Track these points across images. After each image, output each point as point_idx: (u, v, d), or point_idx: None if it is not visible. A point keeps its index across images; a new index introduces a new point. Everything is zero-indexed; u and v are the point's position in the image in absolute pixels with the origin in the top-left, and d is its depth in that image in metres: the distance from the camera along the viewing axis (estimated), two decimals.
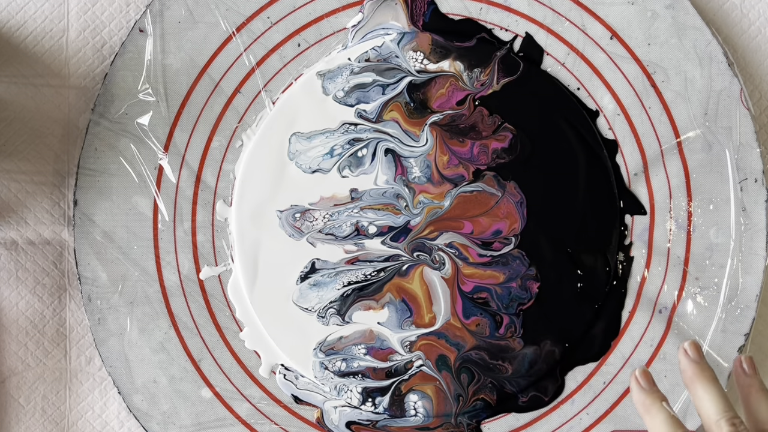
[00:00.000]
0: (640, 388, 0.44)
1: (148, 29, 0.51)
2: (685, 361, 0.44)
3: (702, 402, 0.42)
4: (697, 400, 0.43)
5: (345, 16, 0.51)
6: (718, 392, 0.42)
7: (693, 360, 0.44)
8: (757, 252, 0.51)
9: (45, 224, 0.52)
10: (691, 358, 0.44)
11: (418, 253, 0.51)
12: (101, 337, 0.51)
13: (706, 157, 0.51)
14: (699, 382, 0.43)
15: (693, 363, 0.44)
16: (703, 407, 0.42)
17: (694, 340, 0.45)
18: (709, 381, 0.43)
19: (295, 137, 0.51)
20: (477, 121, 0.51)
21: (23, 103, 0.52)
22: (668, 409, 0.42)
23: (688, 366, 0.44)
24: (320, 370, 0.51)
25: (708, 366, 0.44)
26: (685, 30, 0.51)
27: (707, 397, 0.42)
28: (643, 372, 0.44)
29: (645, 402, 0.43)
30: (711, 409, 0.42)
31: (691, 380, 0.43)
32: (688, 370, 0.44)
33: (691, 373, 0.43)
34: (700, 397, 0.43)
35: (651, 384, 0.44)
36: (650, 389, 0.44)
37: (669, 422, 0.42)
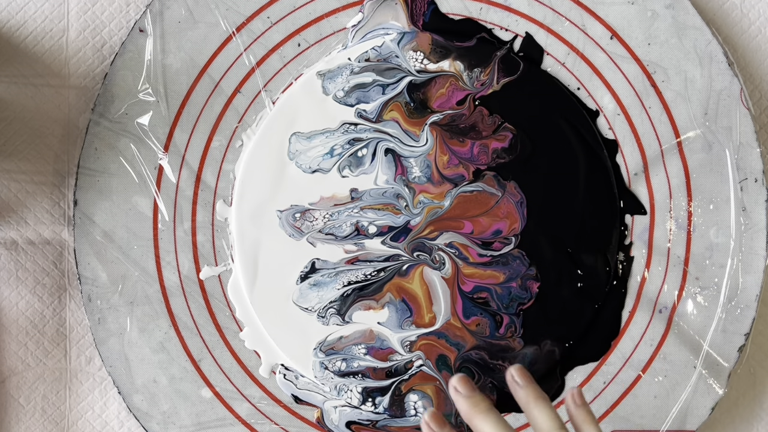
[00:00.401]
0: (460, 396, 0.43)
1: (148, 29, 0.51)
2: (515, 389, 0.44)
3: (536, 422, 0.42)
4: (532, 421, 0.43)
5: (345, 16, 0.51)
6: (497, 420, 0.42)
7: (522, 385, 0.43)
8: (757, 252, 0.51)
9: (45, 224, 0.52)
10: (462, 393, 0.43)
11: (418, 253, 0.51)
12: (101, 337, 0.51)
13: (706, 157, 0.51)
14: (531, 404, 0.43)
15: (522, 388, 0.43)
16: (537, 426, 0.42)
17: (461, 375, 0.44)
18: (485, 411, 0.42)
19: (295, 137, 0.51)
20: (477, 120, 0.51)
21: (23, 103, 0.52)
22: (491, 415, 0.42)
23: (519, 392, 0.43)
24: (320, 370, 0.51)
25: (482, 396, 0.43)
26: (685, 30, 0.51)
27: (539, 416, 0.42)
28: (461, 379, 0.44)
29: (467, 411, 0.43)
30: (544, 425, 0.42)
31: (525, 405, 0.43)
32: (519, 396, 0.43)
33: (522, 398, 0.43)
34: (534, 417, 0.42)
35: (472, 390, 0.44)
36: (473, 394, 0.43)
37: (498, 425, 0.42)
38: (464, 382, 0.44)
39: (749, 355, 0.52)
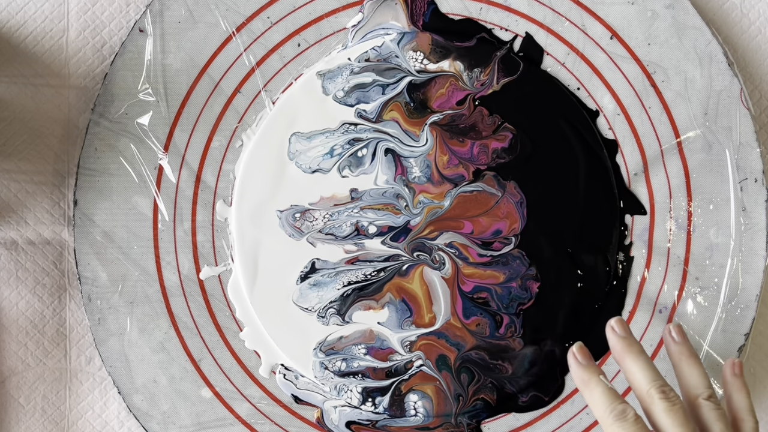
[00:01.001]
0: (578, 364, 0.46)
1: (148, 29, 0.51)
2: (613, 338, 0.46)
3: (632, 375, 0.44)
4: (627, 374, 0.45)
5: (345, 16, 0.51)
6: (647, 364, 0.44)
7: (620, 336, 0.46)
8: (757, 252, 0.51)
9: (45, 224, 0.52)
10: (618, 334, 0.46)
11: (418, 253, 0.51)
12: (101, 337, 0.51)
13: (706, 157, 0.51)
14: (628, 356, 0.45)
15: (620, 339, 0.46)
16: (634, 380, 0.44)
17: (619, 317, 0.47)
18: (637, 354, 0.45)
19: (295, 137, 0.51)
20: (477, 120, 0.51)
21: (23, 103, 0.52)
22: (605, 382, 0.44)
23: (617, 342, 0.46)
24: (320, 370, 0.51)
25: (635, 340, 0.46)
26: (685, 30, 0.51)
27: (636, 369, 0.44)
28: (580, 348, 0.46)
29: (583, 377, 0.45)
30: (641, 380, 0.44)
31: (621, 355, 0.45)
32: (616, 346, 0.45)
33: (619, 349, 0.45)
34: (630, 370, 0.44)
35: (588, 359, 0.46)
36: (588, 364, 0.45)
37: (606, 394, 0.43)
38: (621, 323, 0.46)
39: (749, 355, 0.52)
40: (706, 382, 0.44)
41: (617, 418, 0.42)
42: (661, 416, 0.42)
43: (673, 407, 0.42)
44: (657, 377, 0.44)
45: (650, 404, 0.43)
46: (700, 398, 0.44)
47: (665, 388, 0.43)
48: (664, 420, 0.42)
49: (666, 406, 0.42)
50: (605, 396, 0.43)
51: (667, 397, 0.42)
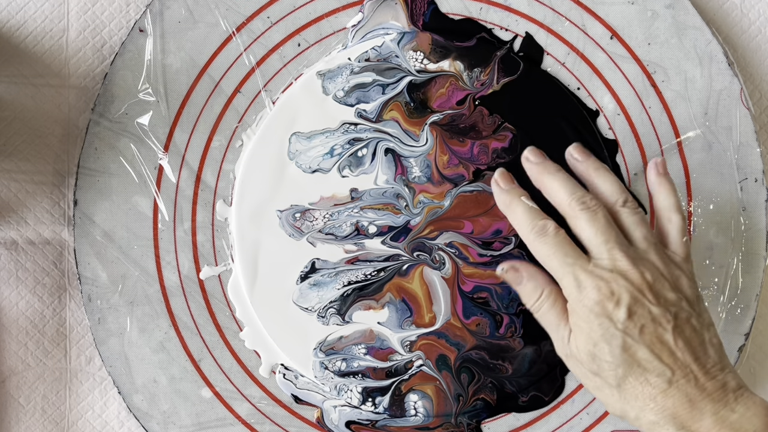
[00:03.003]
0: (500, 189, 0.47)
1: (148, 29, 0.51)
2: (528, 166, 0.46)
3: (553, 192, 0.45)
4: (548, 194, 0.45)
5: (345, 15, 0.51)
6: (564, 179, 0.45)
7: (534, 162, 0.46)
8: (757, 252, 0.51)
9: (45, 224, 0.52)
10: (532, 161, 0.46)
11: (418, 252, 0.51)
12: (101, 337, 0.51)
13: (706, 157, 0.51)
14: (545, 177, 0.45)
15: (535, 164, 0.46)
16: (555, 197, 0.45)
17: (532, 147, 0.47)
18: (554, 171, 0.45)
19: (295, 137, 0.51)
20: (477, 120, 0.51)
21: (23, 103, 0.52)
22: (526, 202, 0.45)
23: (532, 168, 0.46)
24: (320, 370, 0.51)
25: (550, 162, 0.46)
26: (685, 30, 0.51)
27: (556, 186, 0.45)
28: (502, 173, 0.47)
29: (505, 200, 0.46)
30: (562, 196, 0.44)
31: (539, 178, 0.46)
32: (533, 172, 0.46)
33: (536, 173, 0.46)
34: (550, 189, 0.45)
35: (510, 183, 0.47)
36: (509, 188, 0.46)
37: (528, 212, 0.45)
38: (535, 150, 0.46)
39: (749, 355, 0.52)
40: (620, 188, 0.44)
41: (538, 233, 0.43)
42: (585, 227, 0.43)
43: (595, 216, 0.43)
44: (576, 189, 0.44)
45: (573, 217, 0.43)
46: (617, 206, 0.44)
47: (584, 198, 0.43)
48: (587, 230, 0.43)
49: (588, 216, 0.43)
50: (526, 214, 0.44)
51: (587, 207, 0.43)
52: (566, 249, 0.43)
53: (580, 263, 0.42)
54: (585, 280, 0.42)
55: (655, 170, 0.45)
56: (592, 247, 0.43)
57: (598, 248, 0.42)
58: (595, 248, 0.43)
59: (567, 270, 0.42)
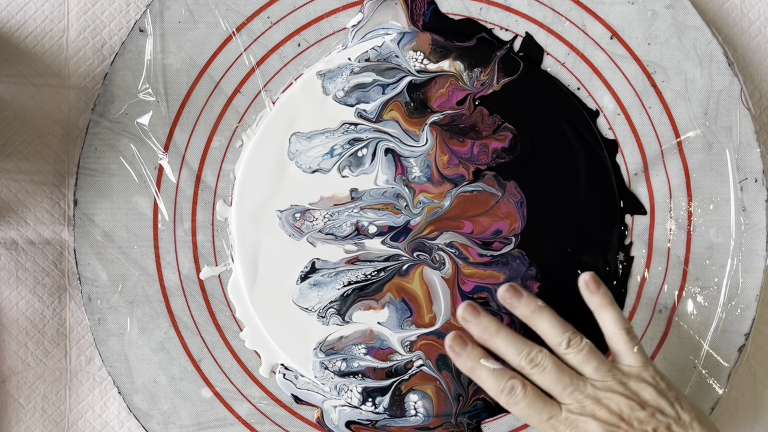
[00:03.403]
0: (456, 354, 0.47)
1: (148, 29, 0.51)
2: (468, 327, 0.47)
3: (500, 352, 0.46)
4: (496, 352, 0.47)
5: (345, 16, 0.51)
6: (510, 338, 0.46)
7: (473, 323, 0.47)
8: (757, 252, 0.51)
9: (45, 224, 0.52)
10: (470, 321, 0.47)
11: (418, 252, 0.51)
12: (101, 337, 0.51)
13: (706, 156, 0.51)
14: (488, 338, 0.47)
15: (474, 326, 0.47)
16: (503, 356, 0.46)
17: (464, 304, 0.48)
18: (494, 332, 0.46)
19: (295, 137, 0.51)
20: (477, 120, 0.51)
21: (23, 103, 0.52)
22: (488, 365, 0.46)
23: (472, 329, 0.47)
24: (320, 370, 0.51)
25: (489, 318, 0.47)
26: (685, 30, 0.51)
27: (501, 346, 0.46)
28: (455, 337, 0.48)
29: (466, 365, 0.47)
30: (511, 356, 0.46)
31: (481, 339, 0.47)
32: (474, 333, 0.47)
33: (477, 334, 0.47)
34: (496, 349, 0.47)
35: (464, 346, 0.47)
36: (466, 353, 0.47)
37: (492, 376, 0.46)
38: (468, 309, 0.47)
39: (749, 355, 0.52)
40: (560, 330, 0.46)
41: (508, 395, 0.45)
42: (540, 381, 0.45)
43: (544, 371, 0.45)
44: (522, 347, 0.46)
45: (528, 375, 0.45)
46: (561, 348, 0.46)
47: (531, 354, 0.45)
48: (544, 383, 0.45)
49: (538, 372, 0.45)
50: (491, 378, 0.46)
51: (536, 364, 0.45)
52: (538, 405, 0.45)
53: (556, 415, 0.44)
54: (564, 430, 0.44)
55: (587, 289, 0.47)
56: (555, 395, 0.45)
57: (560, 396, 0.45)
58: (558, 396, 0.45)
59: (546, 426, 0.45)
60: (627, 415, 0.43)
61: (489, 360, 0.46)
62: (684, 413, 0.44)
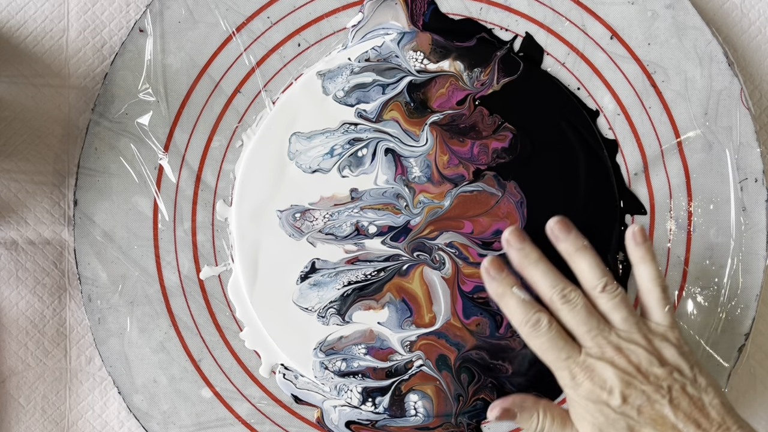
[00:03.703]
0: (491, 278, 0.46)
1: (148, 29, 0.51)
2: (510, 251, 0.46)
3: (535, 284, 0.46)
4: (531, 284, 0.46)
5: (345, 16, 0.51)
6: (546, 270, 0.45)
7: (516, 248, 0.46)
8: (757, 252, 0.51)
9: (45, 224, 0.52)
10: (513, 246, 0.46)
11: (418, 252, 0.51)
12: (101, 337, 0.51)
13: (707, 157, 0.51)
14: (527, 266, 0.46)
15: (517, 251, 0.46)
16: (538, 288, 0.46)
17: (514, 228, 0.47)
18: (536, 261, 0.46)
19: (295, 137, 0.51)
20: (477, 120, 0.51)
21: (23, 103, 0.52)
22: (519, 294, 0.45)
23: (514, 255, 0.46)
24: (320, 370, 0.51)
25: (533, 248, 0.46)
26: (685, 30, 0.51)
27: (538, 277, 0.45)
28: (492, 261, 0.47)
29: (497, 290, 0.46)
30: (544, 288, 0.45)
31: (521, 267, 0.46)
32: (515, 259, 0.46)
33: (518, 261, 0.46)
34: (533, 280, 0.46)
35: (500, 271, 0.46)
36: (500, 277, 0.46)
37: (521, 306, 0.45)
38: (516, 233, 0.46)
39: (749, 355, 0.52)
40: (599, 273, 0.45)
41: (532, 327, 0.45)
42: (567, 318, 0.45)
43: (575, 308, 0.44)
44: (557, 282, 0.45)
45: (556, 310, 0.45)
46: (596, 291, 0.45)
47: (565, 291, 0.45)
48: (570, 322, 0.44)
49: (568, 309, 0.44)
50: (519, 308, 0.45)
51: (567, 300, 0.44)
52: (560, 344, 0.44)
53: (573, 357, 0.44)
54: (579, 373, 0.44)
55: (633, 241, 0.46)
56: (577, 336, 0.45)
57: (583, 338, 0.44)
58: (580, 338, 0.44)
59: (562, 365, 0.44)
60: (645, 368, 0.43)
61: (521, 290, 0.45)
62: (701, 377, 0.43)
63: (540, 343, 0.45)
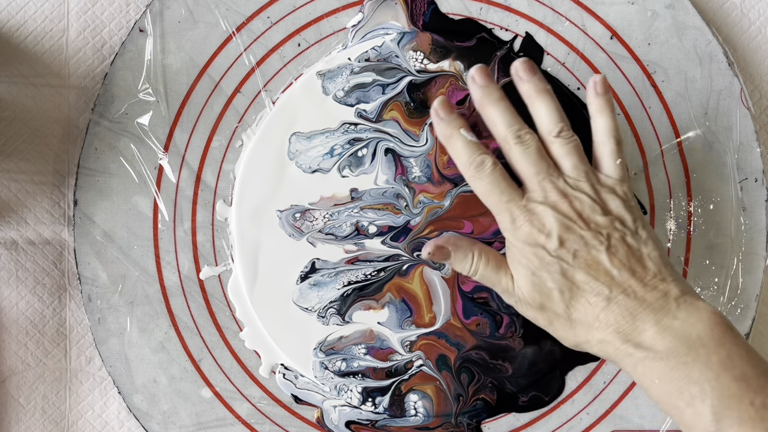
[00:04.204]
0: (439, 119, 0.46)
1: (148, 29, 0.51)
2: (473, 87, 0.46)
3: (491, 122, 0.45)
4: (488, 123, 0.45)
5: (345, 15, 0.51)
6: (504, 109, 0.44)
7: (480, 85, 0.45)
8: (757, 252, 0.51)
9: (45, 224, 0.52)
10: (477, 83, 0.45)
11: (418, 252, 0.51)
12: (101, 337, 0.51)
13: (706, 156, 0.51)
14: (487, 104, 0.45)
15: (480, 87, 0.45)
16: (493, 127, 0.45)
17: (480, 65, 0.46)
18: (496, 100, 0.45)
19: (295, 137, 0.51)
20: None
21: (23, 103, 0.52)
22: (465, 135, 0.45)
23: (477, 91, 0.45)
24: (320, 370, 0.51)
25: (495, 87, 0.45)
26: (685, 30, 0.51)
27: (495, 116, 0.45)
28: (442, 102, 0.46)
29: (445, 132, 0.45)
30: (500, 127, 0.45)
31: (481, 104, 0.45)
32: (476, 95, 0.45)
33: (479, 98, 0.45)
34: (490, 118, 0.45)
35: (449, 112, 0.46)
36: (449, 118, 0.45)
37: (467, 147, 0.44)
38: (482, 71, 0.45)
39: None
40: (556, 117, 0.44)
41: (476, 169, 0.44)
42: (518, 159, 0.44)
43: (527, 150, 0.44)
44: (514, 122, 0.44)
45: (508, 150, 0.44)
46: (551, 135, 0.44)
47: (520, 132, 0.44)
48: (520, 162, 0.44)
49: (521, 149, 0.44)
50: (465, 149, 0.44)
51: (521, 141, 0.44)
52: (502, 186, 0.44)
53: (515, 199, 0.43)
54: (519, 216, 0.43)
55: (594, 90, 0.45)
56: (524, 179, 0.44)
57: (529, 181, 0.44)
58: (527, 181, 0.44)
59: (502, 207, 0.44)
60: (587, 215, 0.42)
61: (468, 131, 0.45)
62: (643, 231, 0.43)
63: (483, 185, 0.44)
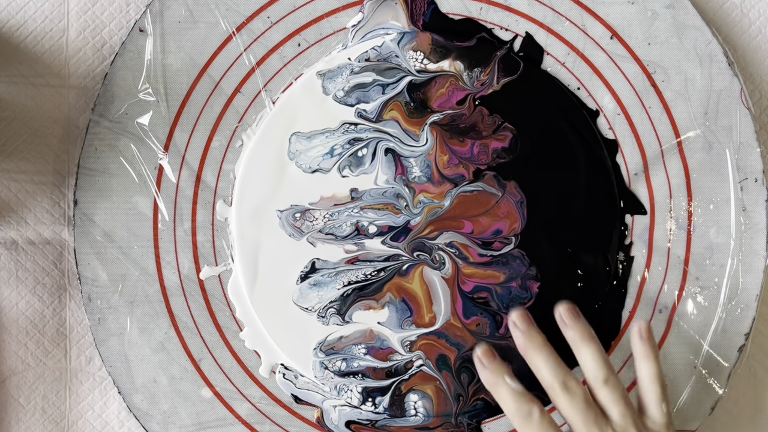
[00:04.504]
0: (483, 366, 0.47)
1: (148, 29, 0.51)
2: (515, 333, 0.47)
3: (536, 369, 0.46)
4: (533, 368, 0.46)
5: (345, 15, 0.51)
6: (548, 356, 0.46)
7: (521, 330, 0.47)
8: (757, 252, 0.51)
9: (45, 224, 0.52)
10: (519, 329, 0.47)
11: (418, 252, 0.51)
12: (101, 337, 0.51)
13: (707, 156, 0.51)
14: (530, 350, 0.46)
15: (522, 333, 0.47)
16: (538, 374, 0.46)
17: (519, 311, 0.47)
18: (539, 347, 0.46)
19: (295, 137, 0.51)
20: (477, 120, 0.51)
21: (23, 103, 0.52)
22: (510, 384, 0.46)
23: (519, 337, 0.47)
24: (320, 370, 0.51)
25: (536, 332, 0.47)
26: (685, 30, 0.51)
27: (539, 363, 0.46)
28: (485, 350, 0.47)
29: (489, 380, 0.47)
30: (545, 375, 0.46)
31: (524, 350, 0.47)
32: (519, 341, 0.47)
33: (522, 343, 0.47)
34: (534, 365, 0.46)
35: (492, 360, 0.47)
36: (493, 367, 0.47)
37: (513, 396, 0.45)
38: (523, 316, 0.47)
39: (749, 355, 0.52)
40: (601, 364, 0.45)
41: (524, 418, 0.45)
42: (565, 407, 0.45)
43: (574, 398, 0.44)
44: (558, 370, 0.45)
45: (554, 397, 0.45)
46: (597, 383, 0.45)
47: (566, 379, 0.45)
48: (567, 411, 0.44)
49: (567, 398, 0.44)
50: (511, 398, 0.45)
51: (567, 389, 0.45)
52: None
53: None
54: None
55: (638, 336, 0.46)
56: (573, 426, 0.44)
57: (578, 429, 0.44)
58: (575, 428, 0.44)
59: None
60: None
61: (513, 380, 0.46)
62: None
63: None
